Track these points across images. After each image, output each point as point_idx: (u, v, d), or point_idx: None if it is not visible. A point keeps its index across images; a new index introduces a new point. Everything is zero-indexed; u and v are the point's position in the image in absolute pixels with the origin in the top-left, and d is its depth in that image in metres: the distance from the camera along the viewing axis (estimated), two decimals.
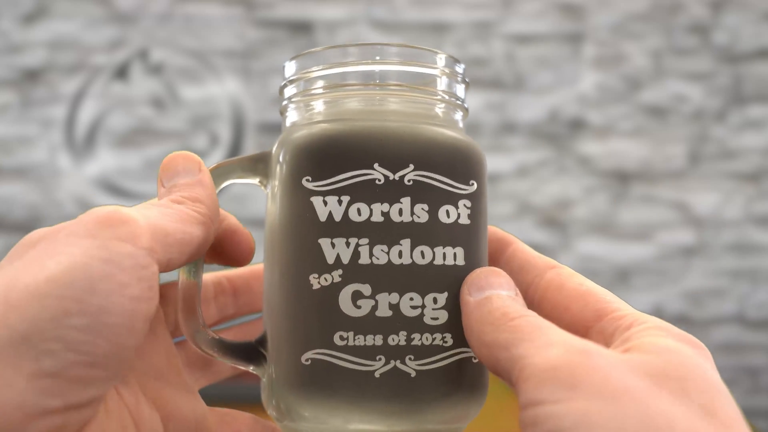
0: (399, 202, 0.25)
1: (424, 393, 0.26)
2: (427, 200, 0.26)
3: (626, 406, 0.19)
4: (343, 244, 0.25)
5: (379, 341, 0.25)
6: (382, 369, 0.25)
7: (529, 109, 1.41)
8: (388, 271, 0.25)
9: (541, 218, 1.42)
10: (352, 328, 0.25)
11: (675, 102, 1.41)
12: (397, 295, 0.25)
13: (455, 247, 0.26)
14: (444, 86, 0.28)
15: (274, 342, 0.27)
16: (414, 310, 0.26)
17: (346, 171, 0.25)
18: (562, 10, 1.41)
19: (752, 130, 1.42)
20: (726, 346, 1.42)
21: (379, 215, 0.25)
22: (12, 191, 1.36)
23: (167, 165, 0.26)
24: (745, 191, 1.42)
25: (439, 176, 0.26)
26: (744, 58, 1.41)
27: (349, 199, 0.25)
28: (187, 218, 0.24)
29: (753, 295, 1.43)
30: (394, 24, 1.40)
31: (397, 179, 0.26)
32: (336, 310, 0.25)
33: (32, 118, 1.38)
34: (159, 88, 1.38)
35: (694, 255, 1.43)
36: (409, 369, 0.25)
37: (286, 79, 0.29)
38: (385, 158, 0.26)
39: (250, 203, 1.39)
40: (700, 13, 1.40)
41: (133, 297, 0.21)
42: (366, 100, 0.27)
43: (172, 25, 1.38)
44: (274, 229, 0.27)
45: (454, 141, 0.27)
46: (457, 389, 0.27)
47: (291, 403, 0.26)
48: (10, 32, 1.37)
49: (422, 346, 0.26)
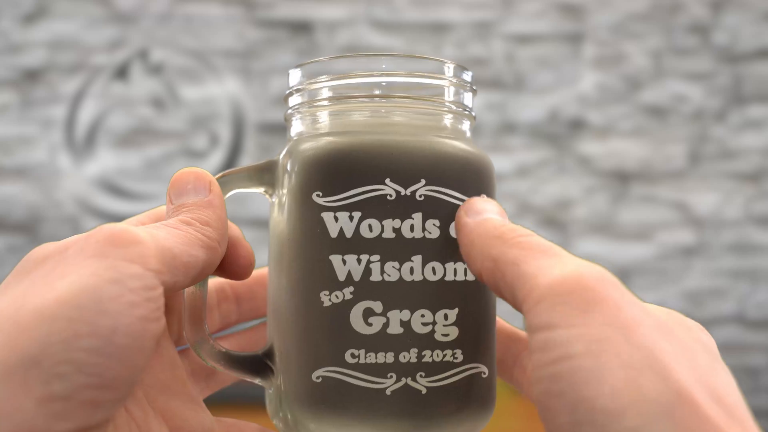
0: (410, 217, 0.25)
1: (435, 409, 0.26)
2: (439, 215, 0.26)
3: (636, 339, 0.19)
4: (355, 261, 0.25)
5: (391, 359, 0.25)
6: (393, 386, 0.25)
7: (529, 109, 1.41)
8: (399, 288, 0.25)
9: (541, 218, 1.42)
10: (363, 345, 0.25)
11: (675, 102, 1.41)
12: (408, 312, 0.25)
13: (457, 263, 0.26)
14: (452, 96, 0.28)
15: (283, 357, 0.26)
16: (425, 326, 0.26)
17: (357, 186, 0.25)
18: (562, 10, 1.41)
19: (752, 130, 1.42)
20: (726, 346, 1.42)
21: (391, 231, 0.25)
22: (12, 191, 1.36)
23: (177, 181, 0.25)
24: (745, 191, 1.42)
25: (451, 191, 0.26)
26: (744, 58, 1.41)
27: (360, 215, 0.25)
28: (196, 241, 0.24)
29: (753, 295, 1.43)
30: (394, 24, 1.40)
31: (409, 194, 0.25)
32: (347, 327, 0.25)
33: (32, 118, 1.38)
34: (159, 88, 1.38)
35: (694, 255, 1.43)
36: (420, 386, 0.25)
37: (291, 87, 0.28)
38: (396, 173, 0.25)
39: (250, 204, 1.39)
40: (700, 13, 1.40)
41: (141, 317, 0.21)
42: (372, 112, 0.27)
43: (172, 25, 1.38)
44: (283, 241, 0.27)
45: (465, 154, 0.27)
46: (467, 405, 0.26)
47: (301, 419, 0.26)
48: (10, 32, 1.37)
49: (433, 363, 0.26)
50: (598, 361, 0.19)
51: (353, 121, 0.27)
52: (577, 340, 0.19)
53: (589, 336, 0.19)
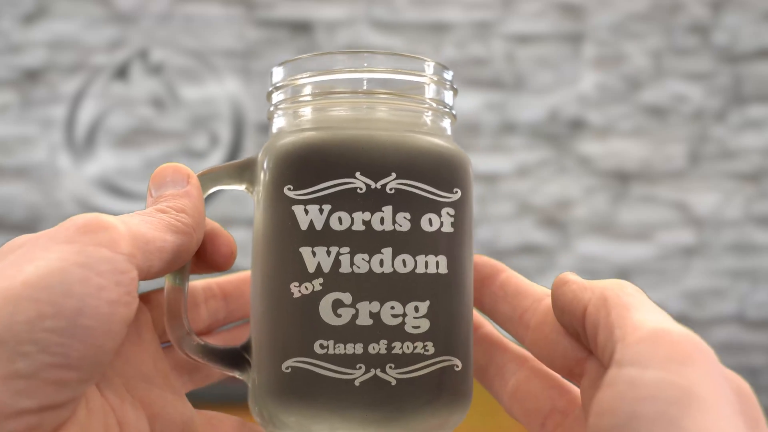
0: (380, 210, 0.25)
1: (405, 401, 0.26)
2: (410, 209, 0.26)
3: (722, 406, 0.19)
4: (324, 253, 0.25)
5: (360, 350, 0.25)
6: (362, 377, 0.25)
7: (529, 109, 1.41)
8: (369, 280, 0.25)
9: (541, 218, 1.42)
10: (332, 336, 0.25)
11: (675, 102, 1.41)
12: (378, 304, 0.25)
13: (438, 256, 0.26)
14: (432, 94, 0.28)
15: (257, 349, 0.27)
16: (395, 318, 0.26)
17: (327, 180, 0.25)
18: (562, 10, 1.41)
19: (752, 130, 1.42)
20: (726, 346, 1.42)
21: (361, 224, 0.25)
22: (12, 191, 1.36)
23: (156, 176, 0.26)
24: (745, 191, 1.42)
25: (422, 184, 0.26)
26: (744, 58, 1.41)
27: (330, 208, 0.25)
28: (169, 227, 0.24)
29: (753, 295, 1.43)
30: (394, 24, 1.40)
31: (379, 188, 0.25)
32: (316, 318, 0.25)
33: (32, 118, 1.38)
34: (159, 88, 1.38)
35: (694, 255, 1.43)
36: (390, 377, 0.25)
37: (273, 84, 0.29)
38: (366, 167, 0.26)
39: (249, 204, 1.39)
40: (700, 13, 1.40)
41: (110, 300, 0.21)
42: (353, 109, 0.27)
43: (172, 25, 1.38)
44: (258, 236, 0.27)
45: (439, 149, 0.27)
46: (438, 397, 0.26)
47: (273, 411, 0.26)
48: (10, 32, 1.37)
49: (403, 355, 0.26)
50: (683, 412, 0.19)
51: (332, 117, 0.27)
52: (672, 385, 0.19)
53: (683, 386, 0.19)
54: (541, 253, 1.42)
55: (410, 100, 0.28)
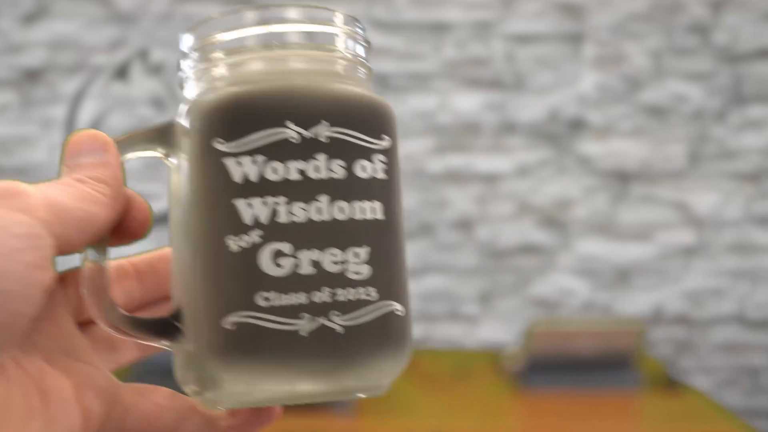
0: (315, 158, 0.26)
1: (353, 348, 0.26)
2: (343, 156, 0.26)
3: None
4: (261, 204, 0.25)
5: (304, 299, 0.25)
6: (308, 327, 0.25)
7: (529, 109, 1.41)
8: (308, 229, 0.25)
9: (541, 218, 1.42)
10: (274, 287, 0.25)
11: (675, 102, 1.41)
12: (318, 252, 0.25)
13: (374, 202, 0.27)
14: (345, 44, 0.28)
15: (191, 312, 0.26)
16: (336, 265, 0.26)
17: (259, 130, 0.25)
18: (562, 10, 1.41)
19: (752, 130, 1.42)
20: (726, 346, 1.42)
21: (296, 173, 0.25)
22: None
23: (72, 143, 0.26)
24: (745, 191, 1.42)
25: (353, 132, 0.26)
26: (744, 58, 1.41)
27: (264, 159, 0.25)
28: (88, 197, 0.24)
29: (753, 295, 1.43)
30: (394, 24, 1.40)
31: (312, 136, 0.26)
32: (257, 270, 0.25)
33: (32, 118, 1.38)
34: (159, 88, 1.38)
35: (694, 255, 1.43)
36: (336, 325, 0.25)
37: (184, 50, 0.28)
38: (298, 116, 0.26)
39: None
40: (700, 13, 1.40)
41: (27, 264, 0.21)
42: (268, 62, 0.27)
43: (172, 25, 1.38)
44: (182, 199, 0.27)
45: (364, 97, 0.27)
46: (385, 343, 0.26)
47: (215, 372, 0.25)
48: (10, 32, 1.37)
49: (347, 302, 0.26)
50: None
51: (250, 72, 0.27)
52: None
53: None
54: (541, 253, 1.42)
55: (324, 50, 0.28)
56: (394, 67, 1.40)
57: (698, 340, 1.42)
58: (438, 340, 1.44)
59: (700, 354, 1.42)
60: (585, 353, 1.13)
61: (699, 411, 1.06)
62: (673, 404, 1.09)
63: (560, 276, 1.42)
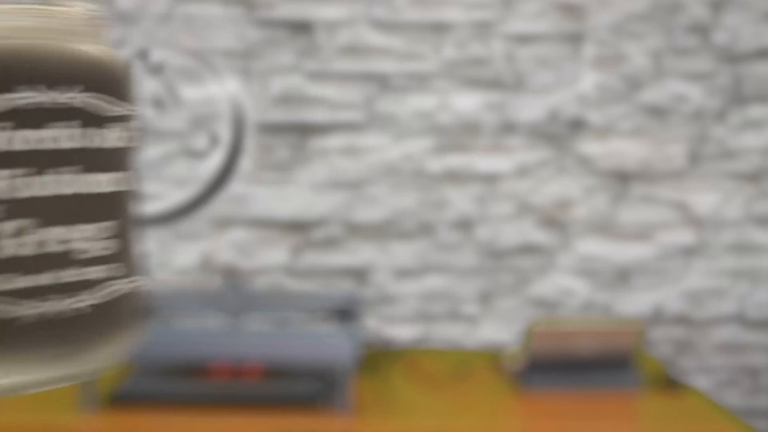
0: (45, 127, 0.23)
1: (81, 332, 0.24)
2: (73, 124, 0.24)
3: None
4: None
5: (26, 282, 0.23)
6: (30, 312, 0.23)
7: (529, 109, 1.41)
8: (28, 204, 0.23)
9: (541, 218, 1.42)
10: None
11: (675, 102, 1.41)
12: (40, 230, 0.23)
13: (109, 173, 0.25)
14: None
15: None
16: (61, 245, 0.23)
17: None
18: (562, 10, 1.41)
19: (752, 130, 1.42)
20: (726, 346, 1.42)
21: (21, 142, 0.23)
22: None
23: None
24: (745, 191, 1.42)
25: (98, 94, 0.24)
26: (744, 58, 1.41)
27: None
28: None
29: (753, 295, 1.43)
30: (394, 24, 1.40)
31: (45, 101, 0.23)
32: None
33: None
34: (159, 88, 1.38)
35: (694, 255, 1.43)
36: (61, 308, 0.23)
37: None
38: (26, 79, 0.23)
39: (250, 203, 1.39)
40: (700, 13, 1.40)
41: None
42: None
43: (172, 25, 1.38)
44: None
45: (106, 58, 0.25)
46: (114, 324, 0.25)
47: None
48: None
49: (73, 283, 0.24)
50: None
51: None
52: None
53: None
54: (541, 253, 1.42)
55: (53, 5, 0.25)
56: (393, 67, 1.40)
57: (698, 340, 1.42)
58: (438, 340, 1.44)
59: (700, 354, 1.42)
60: (585, 353, 1.13)
61: (699, 411, 1.06)
62: (673, 404, 1.09)
63: (560, 276, 1.42)
